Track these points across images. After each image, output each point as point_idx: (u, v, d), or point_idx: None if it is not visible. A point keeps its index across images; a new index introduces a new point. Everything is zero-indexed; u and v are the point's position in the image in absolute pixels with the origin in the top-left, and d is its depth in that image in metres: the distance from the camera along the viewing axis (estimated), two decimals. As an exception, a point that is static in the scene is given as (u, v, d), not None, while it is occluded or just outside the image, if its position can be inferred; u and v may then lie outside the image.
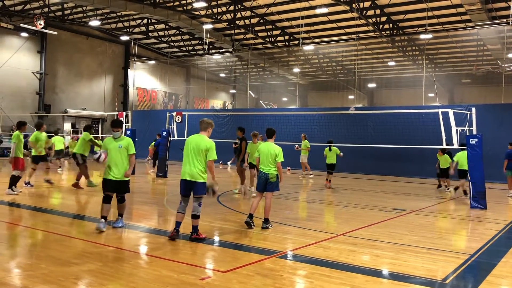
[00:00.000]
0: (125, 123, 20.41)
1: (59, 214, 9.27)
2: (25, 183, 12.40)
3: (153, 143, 20.89)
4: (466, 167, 12.51)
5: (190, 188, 7.00)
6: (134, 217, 9.22)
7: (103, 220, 7.34)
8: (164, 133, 18.44)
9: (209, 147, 6.98)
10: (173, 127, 18.78)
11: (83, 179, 13.21)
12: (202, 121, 7.33)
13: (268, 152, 8.12)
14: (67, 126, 34.17)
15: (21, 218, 8.92)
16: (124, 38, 34.28)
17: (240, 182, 13.28)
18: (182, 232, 7.16)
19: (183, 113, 19.17)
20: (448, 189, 15.71)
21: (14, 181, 11.38)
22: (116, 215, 7.90)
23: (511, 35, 24.24)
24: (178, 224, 6.99)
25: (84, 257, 5.76)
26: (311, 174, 20.66)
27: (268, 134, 8.51)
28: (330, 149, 16.17)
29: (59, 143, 18.98)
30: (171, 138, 18.56)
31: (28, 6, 27.69)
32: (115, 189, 7.57)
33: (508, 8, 22.53)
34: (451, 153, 15.17)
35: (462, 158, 13.19)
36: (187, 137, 18.90)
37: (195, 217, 6.94)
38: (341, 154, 15.99)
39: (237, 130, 13.15)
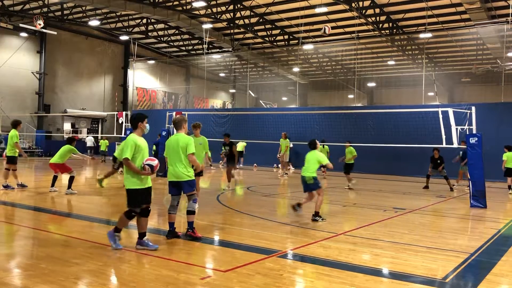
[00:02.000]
0: (125, 123, 20.43)
1: (60, 214, 9.27)
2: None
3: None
4: None
5: (177, 188, 7.00)
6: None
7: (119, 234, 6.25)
8: (164, 133, 18.44)
9: (187, 142, 6.90)
10: (173, 127, 18.76)
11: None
12: (174, 120, 7.31)
13: (312, 158, 9.14)
14: (67, 126, 34.18)
15: (21, 218, 8.92)
16: (124, 37, 34.30)
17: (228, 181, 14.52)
18: (182, 232, 7.16)
19: (182, 112, 19.17)
20: (349, 186, 15.49)
21: (71, 181, 11.92)
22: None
23: (511, 34, 24.24)
24: (171, 224, 7.00)
25: (84, 257, 5.76)
26: (286, 173, 20.60)
27: (310, 146, 9.42)
28: (323, 147, 18.23)
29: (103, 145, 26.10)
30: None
31: (27, 6, 27.70)
32: (149, 200, 6.34)
33: (507, 7, 22.54)
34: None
35: (510, 158, 14.82)
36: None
37: (189, 212, 6.92)
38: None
39: (224, 137, 14.36)
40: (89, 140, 29.24)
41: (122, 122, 20.78)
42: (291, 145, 21.13)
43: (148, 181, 6.30)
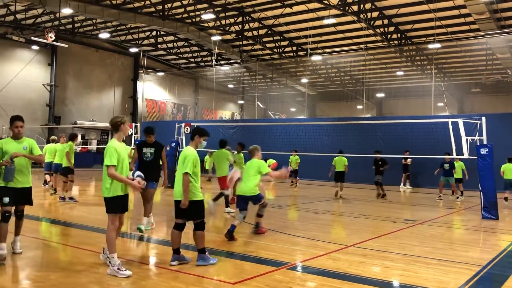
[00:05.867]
0: (134, 134, 20.57)
1: (70, 226, 9.30)
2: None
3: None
4: None
5: (245, 202, 8.11)
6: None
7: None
8: (173, 144, 18.53)
9: (259, 165, 8.11)
10: (182, 138, 18.85)
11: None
12: (250, 150, 8.43)
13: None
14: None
15: (31, 229, 8.96)
16: (133, 50, 34.62)
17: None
18: (188, 243, 7.12)
19: (191, 124, 19.27)
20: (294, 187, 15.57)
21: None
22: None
23: (520, 44, 24.13)
24: (232, 226, 7.85)
25: (93, 268, 5.76)
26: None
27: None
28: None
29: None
30: (180, 149, 18.64)
31: (39, 20, 28.11)
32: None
33: (517, 17, 22.47)
34: None
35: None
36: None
37: (258, 215, 8.40)
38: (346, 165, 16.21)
39: (145, 135, 9.55)
40: None
41: (131, 134, 20.89)
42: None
43: None
